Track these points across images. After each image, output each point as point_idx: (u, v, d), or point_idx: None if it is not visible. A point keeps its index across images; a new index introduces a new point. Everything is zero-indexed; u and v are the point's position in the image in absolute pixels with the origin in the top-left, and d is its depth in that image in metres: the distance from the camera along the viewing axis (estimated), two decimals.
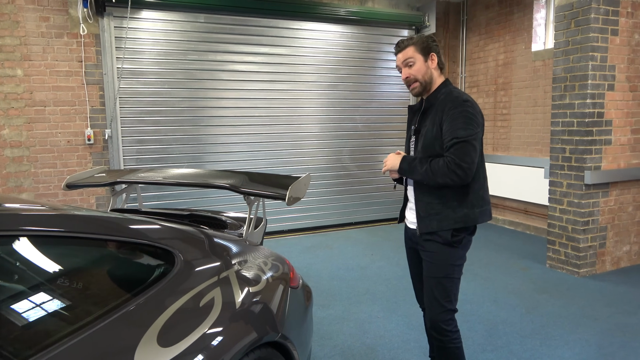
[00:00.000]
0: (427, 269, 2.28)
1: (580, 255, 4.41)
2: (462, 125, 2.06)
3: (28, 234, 1.34)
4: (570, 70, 4.34)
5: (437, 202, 2.18)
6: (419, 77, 2.20)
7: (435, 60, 2.21)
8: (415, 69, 2.19)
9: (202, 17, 5.60)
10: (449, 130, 2.08)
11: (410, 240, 2.43)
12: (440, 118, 2.13)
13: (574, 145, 4.36)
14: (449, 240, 2.19)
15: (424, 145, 2.19)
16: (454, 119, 2.07)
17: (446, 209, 2.17)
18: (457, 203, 2.18)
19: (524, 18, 6.00)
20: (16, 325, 1.22)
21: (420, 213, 2.22)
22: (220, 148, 5.87)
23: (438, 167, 2.07)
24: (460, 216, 2.18)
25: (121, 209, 2.73)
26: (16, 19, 4.87)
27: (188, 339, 1.43)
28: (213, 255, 1.89)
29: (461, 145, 2.04)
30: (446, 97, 2.16)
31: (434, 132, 2.14)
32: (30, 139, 5.04)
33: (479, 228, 6.28)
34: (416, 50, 2.19)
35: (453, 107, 2.10)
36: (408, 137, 2.41)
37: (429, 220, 2.20)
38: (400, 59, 2.23)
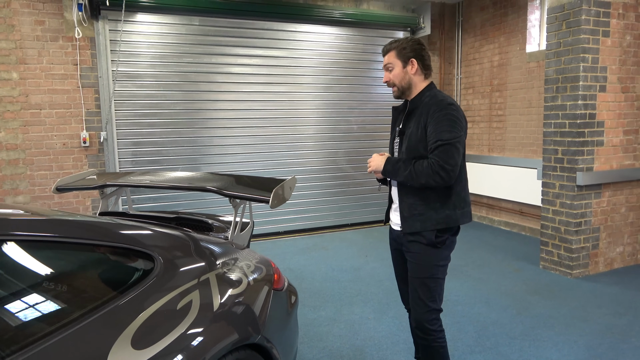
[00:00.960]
0: (412, 269, 2.31)
1: (573, 257, 4.41)
2: (447, 128, 2.10)
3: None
4: (562, 72, 4.35)
5: (420, 203, 2.21)
6: (396, 82, 2.26)
7: (414, 66, 2.24)
8: (394, 74, 2.26)
9: (196, 19, 5.62)
10: (434, 132, 2.11)
11: (394, 242, 2.46)
12: (424, 120, 2.17)
13: (566, 147, 4.36)
14: (432, 241, 2.22)
15: (408, 147, 2.22)
16: (439, 121, 2.11)
17: (429, 210, 2.21)
18: (440, 204, 2.21)
19: (518, 19, 6.01)
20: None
21: (404, 214, 2.26)
22: (215, 150, 5.90)
23: (422, 168, 2.11)
24: (443, 217, 2.21)
25: (110, 211, 2.75)
26: (11, 22, 4.91)
27: (162, 341, 1.44)
28: (194, 258, 1.90)
29: (445, 147, 2.08)
30: (431, 100, 2.19)
31: (419, 134, 2.18)
32: (26, 141, 5.07)
33: (475, 229, 6.31)
34: (396, 56, 2.25)
35: (438, 110, 2.13)
36: (392, 138, 2.44)
37: (412, 221, 2.24)
38: (385, 61, 2.30)
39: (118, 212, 2.72)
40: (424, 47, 2.31)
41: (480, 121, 6.72)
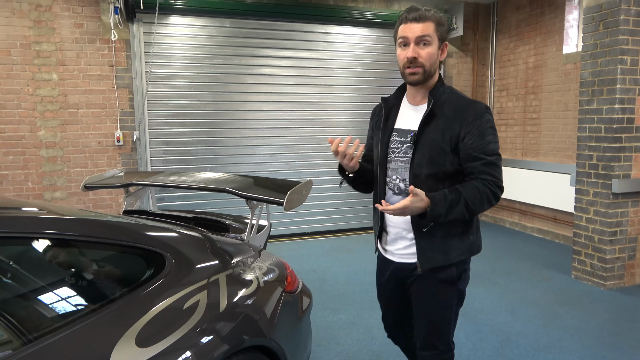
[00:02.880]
0: (424, 309, 1.93)
1: (607, 267, 4.23)
2: (492, 138, 1.75)
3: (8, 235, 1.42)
4: (598, 74, 4.17)
5: (439, 230, 1.79)
6: (428, 64, 1.76)
7: (445, 51, 1.82)
8: (428, 52, 1.75)
9: (227, 22, 5.72)
10: (478, 146, 1.72)
11: (391, 276, 2.01)
12: (457, 129, 1.74)
13: (602, 152, 4.18)
14: (453, 276, 1.86)
15: (431, 159, 1.77)
16: (482, 132, 1.73)
17: (452, 238, 1.81)
18: (462, 229, 1.83)
19: (555, 20, 5.81)
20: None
21: (422, 245, 1.82)
22: (243, 150, 5.98)
23: (479, 195, 1.70)
24: (467, 245, 1.85)
25: (133, 210, 2.84)
26: (52, 25, 5.13)
27: (166, 340, 1.48)
28: (207, 258, 1.93)
29: (496, 164, 1.75)
30: (458, 101, 1.80)
31: (447, 144, 1.75)
32: (64, 140, 5.29)
33: (506, 235, 6.17)
34: (436, 30, 1.74)
35: (477, 117, 1.73)
36: (383, 141, 1.91)
37: (432, 252, 1.81)
38: (417, 31, 1.73)
39: (140, 211, 2.80)
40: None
41: (514, 124, 6.53)
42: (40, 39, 5.09)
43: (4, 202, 1.91)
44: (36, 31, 5.07)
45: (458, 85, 6.84)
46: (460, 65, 6.84)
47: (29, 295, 1.47)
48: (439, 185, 1.77)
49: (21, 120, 5.12)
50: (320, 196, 6.27)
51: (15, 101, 5.08)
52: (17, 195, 5.17)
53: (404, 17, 1.77)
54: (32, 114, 5.15)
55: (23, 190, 5.21)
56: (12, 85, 5.05)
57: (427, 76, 1.79)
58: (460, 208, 1.69)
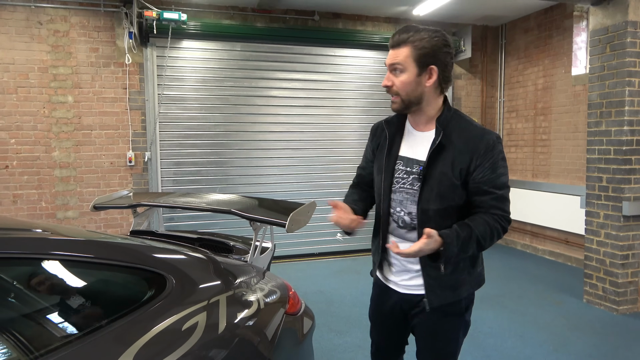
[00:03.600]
0: (430, 342, 1.86)
1: (619, 292, 4.14)
2: (503, 170, 1.66)
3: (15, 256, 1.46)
4: (606, 96, 4.16)
5: (449, 265, 1.71)
6: (402, 92, 1.66)
7: (433, 77, 1.63)
8: (400, 80, 1.64)
9: (238, 45, 5.84)
10: (489, 179, 1.63)
11: (393, 307, 1.89)
12: (467, 161, 1.64)
13: (611, 174, 4.14)
14: (462, 308, 1.78)
15: (440, 194, 1.66)
16: (494, 164, 1.63)
17: (461, 272, 1.74)
18: (471, 263, 1.76)
19: (563, 42, 5.83)
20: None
21: (430, 281, 1.73)
22: (253, 171, 6.04)
23: (490, 230, 1.62)
24: (475, 278, 1.79)
25: (140, 230, 2.88)
26: (69, 50, 5.29)
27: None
28: (208, 280, 1.95)
29: (506, 198, 1.67)
30: (467, 130, 1.68)
31: (454, 178, 1.65)
32: (77, 160, 5.40)
33: (516, 258, 6.10)
34: (410, 56, 1.61)
35: (489, 149, 1.63)
36: (388, 170, 1.79)
37: (442, 289, 1.73)
38: (390, 57, 1.66)
39: (147, 231, 2.84)
40: (451, 48, 1.67)
41: (523, 145, 6.51)
42: (57, 62, 5.26)
43: (6, 223, 1.96)
44: (53, 55, 5.24)
45: (467, 106, 6.86)
46: (469, 86, 6.87)
47: (29, 314, 1.49)
48: (447, 221, 1.66)
49: (37, 141, 5.25)
50: (329, 217, 6.26)
51: (31, 122, 5.22)
52: (30, 214, 5.27)
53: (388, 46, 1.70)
54: (48, 135, 5.28)
55: (37, 209, 5.31)
56: (29, 107, 5.20)
57: (408, 104, 1.69)
58: (472, 245, 1.62)
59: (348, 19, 6.23)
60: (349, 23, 6.24)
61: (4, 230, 1.75)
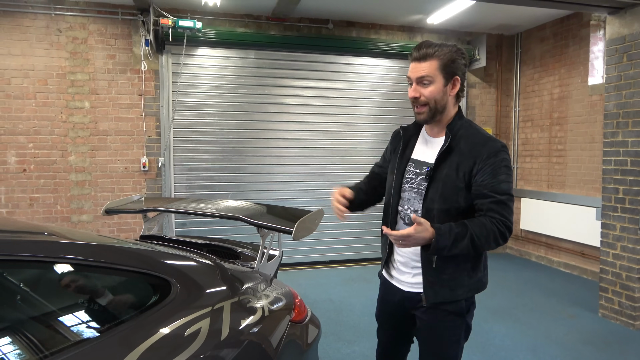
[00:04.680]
0: (429, 343, 1.92)
1: (636, 306, 4.04)
2: (505, 177, 1.73)
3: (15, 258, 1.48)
4: (623, 106, 4.09)
5: (449, 265, 1.78)
6: (431, 102, 1.76)
7: (457, 86, 1.78)
8: (430, 90, 1.75)
9: (252, 53, 5.90)
10: (490, 183, 1.70)
11: (398, 305, 1.96)
12: (470, 165, 1.74)
13: (628, 186, 4.06)
14: (463, 308, 1.84)
15: (443, 195, 1.77)
16: (495, 170, 1.71)
17: (461, 274, 1.80)
18: (471, 266, 1.82)
19: (580, 51, 5.75)
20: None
21: (429, 278, 1.82)
22: (266, 178, 6.06)
23: (486, 232, 1.67)
24: (475, 282, 1.84)
25: (149, 235, 2.90)
26: (87, 57, 5.40)
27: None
28: (213, 286, 1.95)
29: (507, 204, 1.71)
30: (474, 136, 1.79)
31: (460, 180, 1.75)
32: (93, 165, 5.49)
33: (530, 269, 6.01)
34: (439, 69, 1.73)
35: (492, 155, 1.72)
36: (399, 170, 1.93)
37: (440, 287, 1.81)
38: (418, 71, 1.75)
39: (156, 236, 2.86)
40: (467, 60, 1.84)
41: (539, 155, 6.42)
42: (75, 69, 5.36)
43: (16, 226, 1.99)
44: (72, 62, 5.35)
45: (482, 115, 6.81)
46: (484, 95, 6.81)
47: (36, 317, 1.51)
48: (450, 221, 1.71)
49: (54, 146, 5.35)
50: (339, 224, 6.26)
51: (49, 127, 5.32)
52: (46, 217, 5.36)
53: (411, 55, 1.79)
54: (64, 139, 5.38)
55: (52, 212, 5.39)
56: (47, 112, 5.31)
57: (434, 113, 1.79)
58: (466, 242, 1.65)
59: (362, 27, 6.25)
60: (362, 31, 6.25)
61: (15, 233, 1.78)
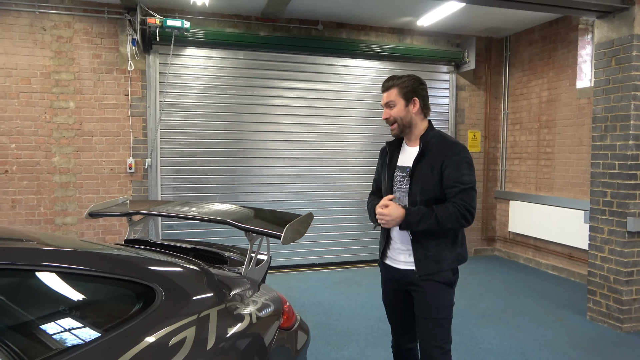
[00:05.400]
0: (426, 311, 2.28)
1: (624, 309, 4.06)
2: (467, 171, 2.19)
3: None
4: (611, 110, 4.11)
5: (433, 244, 2.23)
6: (398, 119, 2.29)
7: (417, 105, 2.28)
8: (395, 111, 2.29)
9: (241, 54, 5.84)
10: (454, 176, 2.17)
11: (396, 282, 2.39)
12: (440, 163, 2.20)
13: (616, 189, 4.08)
14: (450, 280, 2.27)
15: (422, 189, 2.23)
16: (458, 165, 2.18)
17: (443, 250, 2.24)
18: (450, 243, 2.26)
19: (568, 55, 5.79)
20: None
21: (418, 255, 2.25)
22: (254, 180, 6.00)
23: (448, 213, 2.13)
24: (455, 256, 2.27)
25: (134, 239, 2.83)
26: (72, 56, 5.30)
27: None
28: (199, 292, 1.90)
29: (468, 191, 2.16)
30: (442, 142, 2.25)
31: (434, 176, 2.21)
32: (77, 166, 5.38)
33: (519, 272, 6.03)
34: (398, 94, 2.28)
35: (455, 154, 2.20)
36: (389, 176, 2.38)
37: (427, 262, 2.24)
38: (384, 99, 2.33)
39: (141, 240, 2.79)
40: (425, 86, 2.34)
41: (527, 158, 6.45)
42: (59, 68, 5.26)
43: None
44: (56, 61, 5.24)
45: (470, 118, 6.82)
46: (473, 98, 6.83)
47: (15, 327, 1.45)
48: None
49: (37, 147, 5.23)
50: (329, 227, 6.23)
51: (32, 128, 5.21)
52: (28, 219, 5.24)
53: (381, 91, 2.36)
54: (48, 140, 5.26)
55: (35, 214, 5.28)
56: (31, 112, 5.19)
57: (403, 127, 2.32)
58: (432, 220, 2.13)
59: (352, 29, 6.22)
60: (352, 33, 6.23)
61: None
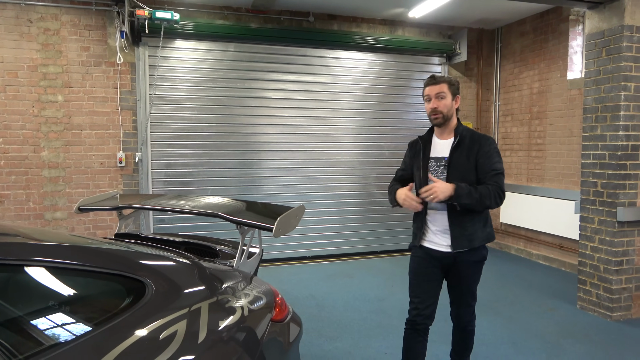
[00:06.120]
0: (465, 282, 2.68)
1: (613, 298, 4.10)
2: (498, 159, 2.55)
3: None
4: (602, 101, 4.13)
5: (469, 225, 2.54)
6: (445, 111, 2.56)
7: (458, 102, 2.63)
8: (444, 103, 2.55)
9: (232, 46, 5.78)
10: (488, 163, 2.52)
11: (434, 261, 2.65)
12: (475, 153, 2.54)
13: (606, 180, 4.11)
14: (484, 256, 2.65)
15: (460, 176, 2.52)
16: (491, 155, 2.53)
17: (477, 230, 2.56)
18: (482, 224, 2.59)
19: (559, 46, 5.80)
20: None
21: (455, 234, 2.55)
22: (246, 173, 5.97)
23: (488, 192, 2.45)
24: (486, 235, 2.61)
25: (124, 233, 2.81)
26: (60, 49, 5.22)
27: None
28: (190, 286, 1.88)
29: (500, 176, 2.52)
30: (473, 135, 2.60)
31: (470, 163, 2.54)
32: (67, 160, 5.32)
33: (511, 263, 6.08)
34: (449, 88, 2.56)
35: (487, 145, 2.55)
36: (424, 165, 2.64)
37: (462, 240, 2.54)
38: (434, 90, 2.56)
39: (131, 234, 2.77)
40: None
41: (518, 149, 6.47)
42: (47, 61, 5.18)
43: None
44: (43, 54, 5.16)
45: (462, 109, 6.82)
46: (465, 90, 6.83)
47: (1, 323, 1.42)
48: None
49: (25, 141, 5.17)
50: (322, 220, 6.22)
51: (20, 122, 5.13)
52: (17, 215, 5.19)
53: (427, 82, 2.60)
54: (36, 134, 5.20)
55: (24, 210, 5.22)
56: (18, 106, 5.12)
57: (445, 119, 2.58)
58: (476, 196, 2.43)
59: (343, 20, 6.19)
60: (344, 25, 6.19)
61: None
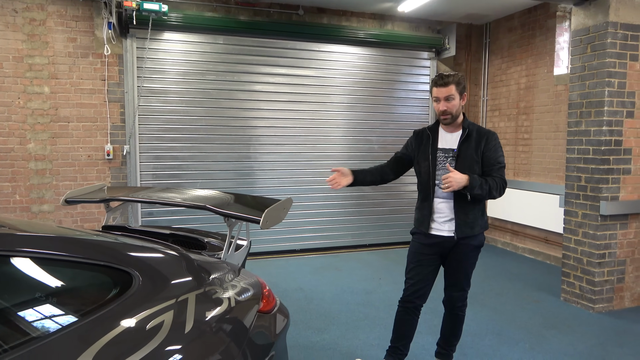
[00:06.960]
0: (463, 266, 2.84)
1: (596, 290, 4.18)
2: (502, 153, 2.76)
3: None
4: (586, 96, 4.19)
5: (472, 213, 2.74)
6: (453, 111, 2.69)
7: (465, 100, 2.73)
8: (453, 104, 2.68)
9: (221, 38, 5.76)
10: (494, 157, 2.71)
11: (435, 247, 2.81)
12: (482, 146, 2.71)
13: (590, 174, 4.18)
14: (482, 242, 2.84)
15: (468, 167, 2.69)
16: (496, 149, 2.73)
17: (477, 218, 2.77)
18: (481, 213, 2.81)
19: (546, 42, 5.86)
20: None
21: (459, 222, 2.73)
22: (235, 166, 5.96)
23: (495, 183, 2.65)
24: (484, 222, 2.83)
25: (112, 225, 2.81)
26: (46, 39, 5.16)
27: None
28: (177, 277, 1.89)
29: (503, 169, 2.74)
30: (479, 129, 2.77)
31: (478, 155, 2.71)
32: (54, 152, 5.28)
33: (497, 256, 6.16)
34: (456, 89, 2.66)
35: (493, 140, 2.74)
36: (433, 156, 2.78)
37: (465, 227, 2.73)
38: (443, 93, 2.66)
39: (119, 226, 2.77)
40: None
41: (505, 144, 6.53)
42: (33, 52, 5.12)
43: None
44: (29, 45, 5.10)
45: None
46: None
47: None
48: None
49: (11, 133, 5.11)
50: (311, 213, 6.25)
51: (5, 114, 5.07)
52: (3, 207, 5.14)
53: (435, 83, 2.69)
54: (23, 126, 5.14)
55: (10, 202, 5.17)
56: (3, 97, 5.06)
57: (453, 118, 2.73)
58: (486, 187, 2.61)
59: (333, 14, 6.18)
60: (333, 18, 6.19)
61: None
